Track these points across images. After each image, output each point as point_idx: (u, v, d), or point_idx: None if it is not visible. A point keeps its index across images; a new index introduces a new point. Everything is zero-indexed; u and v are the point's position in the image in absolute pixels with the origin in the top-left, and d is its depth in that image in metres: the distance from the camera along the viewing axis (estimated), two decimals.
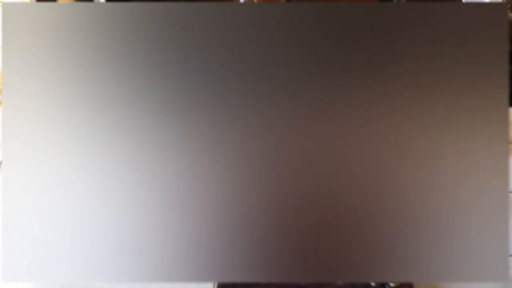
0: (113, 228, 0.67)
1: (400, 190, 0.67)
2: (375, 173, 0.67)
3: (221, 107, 0.67)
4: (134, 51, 0.66)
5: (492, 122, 0.67)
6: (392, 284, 0.86)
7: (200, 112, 0.67)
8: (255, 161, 0.67)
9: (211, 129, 0.67)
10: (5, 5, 0.66)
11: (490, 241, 0.67)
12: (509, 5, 0.71)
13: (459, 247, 0.68)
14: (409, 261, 0.67)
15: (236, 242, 0.67)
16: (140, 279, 0.66)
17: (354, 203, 0.67)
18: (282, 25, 0.66)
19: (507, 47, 0.67)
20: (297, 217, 0.67)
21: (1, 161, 0.61)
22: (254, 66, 0.66)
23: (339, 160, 0.67)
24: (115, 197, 0.66)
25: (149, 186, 0.66)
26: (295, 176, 0.67)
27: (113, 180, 0.66)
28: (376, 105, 0.67)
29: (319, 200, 0.67)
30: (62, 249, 0.67)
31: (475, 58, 0.67)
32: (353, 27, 0.66)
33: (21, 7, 0.66)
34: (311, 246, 0.67)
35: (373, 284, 0.86)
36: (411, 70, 0.67)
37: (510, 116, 0.69)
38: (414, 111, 0.67)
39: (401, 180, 0.67)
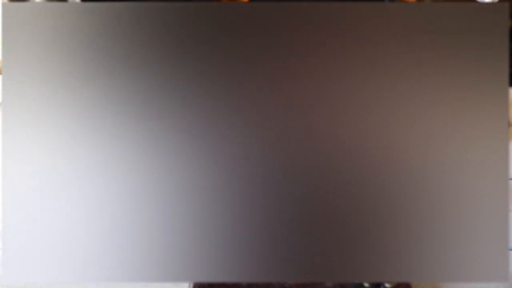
0: (93, 229, 0.67)
1: (396, 187, 0.67)
2: (370, 168, 0.67)
3: (214, 105, 0.67)
4: (133, 51, 0.67)
5: (492, 106, 0.67)
6: (387, 285, 0.85)
7: (187, 112, 0.67)
8: (236, 160, 0.67)
9: (194, 128, 0.67)
10: (5, 5, 0.66)
11: (490, 239, 0.67)
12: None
13: (457, 246, 0.67)
14: (407, 260, 0.67)
15: (213, 242, 0.67)
16: (116, 279, 0.66)
17: (347, 198, 0.67)
18: (277, 24, 0.66)
19: (507, 44, 0.67)
20: (286, 215, 0.67)
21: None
22: (249, 63, 0.67)
23: (331, 155, 0.67)
24: (102, 198, 0.67)
25: (129, 187, 0.67)
26: (281, 173, 0.67)
27: (105, 181, 0.67)
28: (375, 95, 0.67)
29: (310, 196, 0.67)
30: (61, 249, 0.67)
31: (475, 53, 0.67)
32: (353, 27, 0.66)
33: (21, 7, 0.66)
34: (302, 245, 0.67)
35: (366, 284, 0.85)
36: (412, 66, 0.67)
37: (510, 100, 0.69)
38: (411, 103, 0.67)
39: (397, 177, 0.67)
